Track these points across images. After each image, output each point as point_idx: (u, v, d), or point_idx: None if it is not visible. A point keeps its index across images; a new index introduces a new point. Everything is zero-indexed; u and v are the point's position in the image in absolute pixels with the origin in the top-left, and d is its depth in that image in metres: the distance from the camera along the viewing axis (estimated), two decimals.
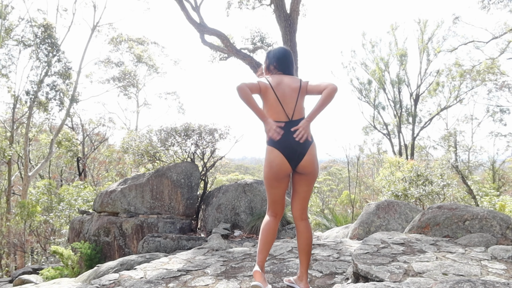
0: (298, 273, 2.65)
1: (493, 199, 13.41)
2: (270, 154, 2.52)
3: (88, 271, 4.97)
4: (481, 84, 19.44)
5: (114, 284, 3.03)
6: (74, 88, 19.00)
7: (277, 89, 2.57)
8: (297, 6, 10.51)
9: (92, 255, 6.93)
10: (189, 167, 7.69)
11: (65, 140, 19.21)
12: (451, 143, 20.86)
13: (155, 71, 24.85)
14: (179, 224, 7.25)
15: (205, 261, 3.62)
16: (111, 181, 19.84)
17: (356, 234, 5.18)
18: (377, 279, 2.31)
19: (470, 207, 3.61)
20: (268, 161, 2.53)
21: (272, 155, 2.51)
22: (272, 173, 2.52)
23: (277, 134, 2.47)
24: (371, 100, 23.01)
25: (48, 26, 17.62)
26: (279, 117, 2.53)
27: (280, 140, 2.48)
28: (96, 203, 7.95)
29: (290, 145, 2.49)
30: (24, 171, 17.76)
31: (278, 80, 2.62)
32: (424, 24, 21.48)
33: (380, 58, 22.33)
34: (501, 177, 20.92)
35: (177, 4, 11.26)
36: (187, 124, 8.30)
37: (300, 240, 2.59)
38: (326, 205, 23.00)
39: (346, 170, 24.00)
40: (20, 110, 19.22)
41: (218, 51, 13.39)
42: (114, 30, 22.14)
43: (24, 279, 7.36)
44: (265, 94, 2.57)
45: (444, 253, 2.80)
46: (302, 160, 2.51)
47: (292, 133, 2.51)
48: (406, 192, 10.76)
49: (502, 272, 2.35)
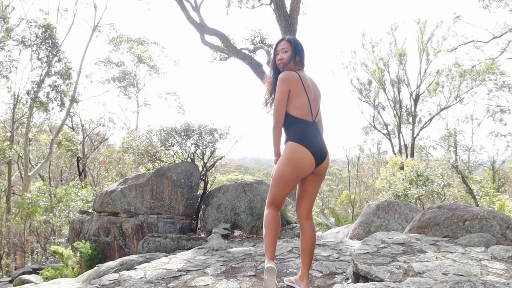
0: (299, 273, 2.62)
1: (493, 199, 13.42)
2: (298, 153, 2.45)
3: (88, 271, 4.97)
4: (481, 84, 19.44)
5: (114, 284, 3.03)
6: (74, 88, 19.02)
7: (308, 89, 2.56)
8: (297, 6, 10.51)
9: (92, 255, 6.93)
10: (189, 167, 7.69)
11: (65, 140, 19.21)
12: (451, 143, 20.86)
13: (155, 71, 24.86)
14: (179, 224, 7.25)
15: (205, 261, 3.62)
16: (111, 181, 19.83)
17: (356, 234, 5.18)
18: (377, 279, 2.31)
19: (470, 207, 3.61)
20: (294, 160, 2.45)
21: (301, 154, 2.45)
22: (296, 171, 2.46)
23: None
24: (371, 100, 23.02)
25: (49, 26, 17.63)
26: (306, 117, 2.53)
27: (309, 139, 2.48)
28: (96, 203, 7.95)
29: (319, 145, 2.51)
30: (24, 171, 17.76)
31: (306, 79, 2.60)
32: (424, 24, 21.49)
33: (380, 58, 22.34)
34: (501, 177, 20.92)
35: (177, 4, 11.26)
36: (187, 124, 8.30)
37: (304, 239, 2.57)
38: (326, 205, 23.00)
39: (346, 170, 24.00)
40: (20, 110, 19.22)
41: (218, 51, 13.39)
42: (115, 31, 22.17)
43: (24, 279, 7.36)
44: (294, 90, 2.51)
45: (444, 253, 2.80)
46: (324, 161, 2.55)
47: (319, 134, 2.56)
48: (406, 192, 10.77)
49: (502, 272, 2.35)
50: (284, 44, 2.65)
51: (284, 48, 2.64)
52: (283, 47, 2.64)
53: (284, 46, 2.64)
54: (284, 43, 2.65)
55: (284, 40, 2.68)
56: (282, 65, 2.63)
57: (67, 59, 18.40)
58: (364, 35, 22.97)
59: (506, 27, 15.92)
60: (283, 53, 2.64)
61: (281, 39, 2.71)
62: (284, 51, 2.63)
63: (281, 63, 2.63)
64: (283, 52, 2.64)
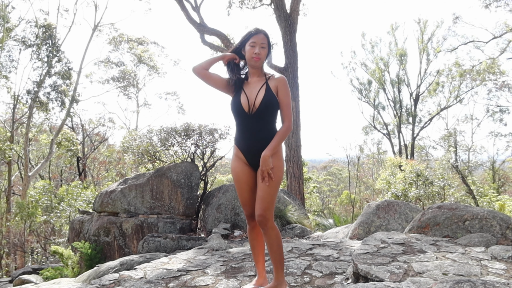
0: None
1: (493, 199, 13.42)
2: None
3: (88, 271, 4.97)
4: (481, 84, 19.45)
5: (114, 284, 3.03)
6: (74, 88, 19.01)
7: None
8: (297, 6, 10.51)
9: (92, 255, 6.92)
10: (189, 167, 7.69)
11: (65, 140, 19.22)
12: (451, 143, 20.87)
13: (155, 72, 24.85)
14: (179, 224, 7.25)
15: (205, 261, 3.62)
16: (111, 181, 19.85)
17: (356, 234, 5.18)
18: (377, 279, 2.31)
19: (470, 207, 3.61)
20: (283, 161, 2.51)
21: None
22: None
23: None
24: (371, 100, 23.04)
25: (49, 26, 17.64)
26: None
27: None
28: (96, 203, 7.95)
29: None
30: (24, 171, 17.76)
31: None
32: (424, 24, 21.51)
33: (380, 58, 22.36)
34: (501, 177, 20.94)
35: (177, 4, 11.27)
36: (187, 124, 8.29)
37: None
38: (326, 205, 23.01)
39: (346, 170, 24.03)
40: (20, 110, 19.23)
41: (218, 51, 13.37)
42: (115, 30, 22.16)
43: (24, 279, 7.36)
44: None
45: (444, 253, 2.80)
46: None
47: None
48: (406, 192, 10.77)
49: (502, 272, 2.35)
50: (264, 39, 2.43)
51: (263, 43, 2.42)
52: (262, 42, 2.42)
53: (264, 42, 2.43)
54: (263, 37, 2.43)
55: (263, 33, 2.45)
56: (257, 61, 2.42)
57: (67, 59, 18.42)
58: (363, 35, 23.02)
59: (506, 27, 15.93)
60: (261, 48, 2.42)
61: (259, 30, 2.46)
62: (262, 46, 2.42)
63: (257, 58, 2.41)
64: (261, 47, 2.42)
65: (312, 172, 25.35)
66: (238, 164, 2.52)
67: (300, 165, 10.24)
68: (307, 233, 6.15)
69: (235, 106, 2.46)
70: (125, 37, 22.66)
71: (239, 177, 2.51)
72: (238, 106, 2.44)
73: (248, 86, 2.49)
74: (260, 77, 2.51)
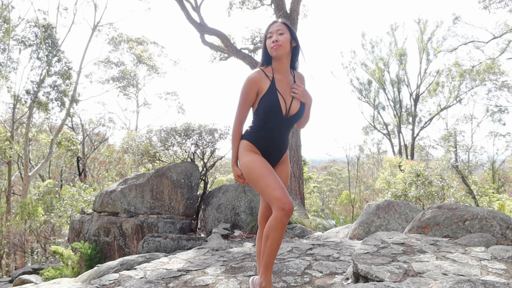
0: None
1: (492, 199, 13.43)
2: None
3: (88, 271, 4.96)
4: (481, 84, 19.45)
5: (114, 284, 3.03)
6: (74, 88, 19.01)
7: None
8: (298, 7, 10.52)
9: (92, 255, 6.93)
10: (189, 167, 7.69)
11: (65, 140, 19.22)
12: (451, 143, 20.87)
13: (155, 71, 24.85)
14: (179, 224, 7.25)
15: (205, 261, 3.62)
16: (111, 181, 19.85)
17: (356, 234, 5.18)
18: (377, 279, 2.31)
19: (470, 207, 3.61)
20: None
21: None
22: None
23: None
24: (371, 100, 23.04)
25: (49, 26, 17.63)
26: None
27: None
28: (96, 203, 7.95)
29: None
30: (24, 171, 17.76)
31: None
32: (424, 24, 21.50)
33: (380, 58, 22.36)
34: (501, 177, 20.95)
35: (177, 4, 11.26)
36: (187, 124, 8.29)
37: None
38: (326, 205, 23.02)
39: (346, 170, 24.01)
40: (20, 110, 19.23)
41: (218, 51, 13.40)
42: (114, 30, 22.18)
43: (24, 279, 7.36)
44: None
45: (444, 253, 2.80)
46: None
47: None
48: (406, 192, 10.77)
49: (502, 272, 2.35)
50: (280, 25, 2.23)
51: (280, 29, 2.20)
52: (278, 29, 2.21)
53: (280, 28, 2.21)
54: (278, 24, 2.24)
55: (278, 22, 2.26)
56: (277, 48, 2.17)
57: (67, 59, 18.40)
58: (363, 35, 23.02)
59: (506, 27, 15.93)
60: (279, 35, 2.19)
61: (274, 21, 2.29)
62: (279, 32, 2.19)
63: (276, 46, 2.16)
64: (279, 34, 2.19)
65: (312, 172, 25.37)
66: (257, 155, 2.29)
67: (300, 165, 10.25)
68: (307, 233, 6.15)
69: (273, 107, 2.20)
70: (125, 37, 22.67)
71: (265, 164, 2.22)
72: (277, 108, 2.19)
73: (279, 85, 2.24)
74: (287, 73, 2.28)
